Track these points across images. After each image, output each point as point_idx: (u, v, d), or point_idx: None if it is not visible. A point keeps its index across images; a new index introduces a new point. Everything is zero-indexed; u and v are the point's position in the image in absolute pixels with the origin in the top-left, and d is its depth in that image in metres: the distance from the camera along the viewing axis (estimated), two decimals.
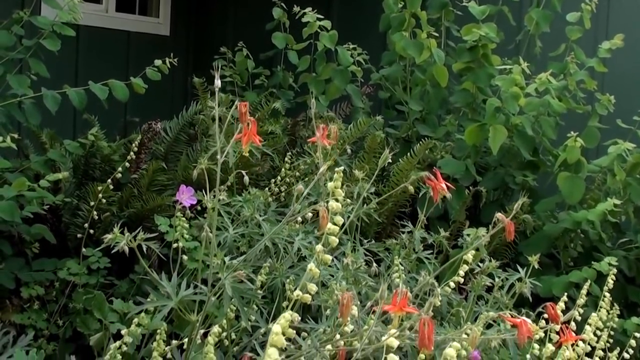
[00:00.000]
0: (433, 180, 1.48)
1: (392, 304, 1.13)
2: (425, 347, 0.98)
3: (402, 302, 1.12)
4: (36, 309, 2.30)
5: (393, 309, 1.12)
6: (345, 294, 1.08)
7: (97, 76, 2.60)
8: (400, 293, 1.14)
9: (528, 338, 1.19)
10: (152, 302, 1.68)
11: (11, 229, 2.41)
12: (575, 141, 2.46)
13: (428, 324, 0.98)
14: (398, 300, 1.13)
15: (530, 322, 1.19)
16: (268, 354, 0.81)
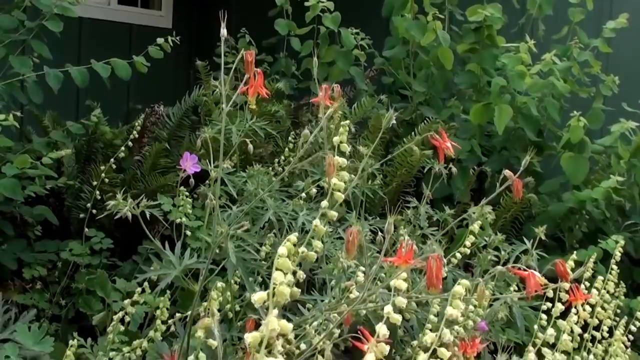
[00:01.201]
0: (438, 140, 1.46)
1: (397, 256, 1.12)
2: (433, 286, 0.97)
3: (408, 255, 1.11)
4: (38, 288, 2.28)
5: (398, 261, 1.10)
6: (351, 229, 1.06)
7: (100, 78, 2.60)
8: (405, 245, 1.13)
9: (536, 292, 1.17)
10: (155, 270, 1.67)
11: (13, 210, 2.40)
12: (579, 120, 2.45)
13: (437, 261, 0.97)
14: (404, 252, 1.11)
15: (539, 276, 1.17)
16: (273, 277, 0.79)
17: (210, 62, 2.89)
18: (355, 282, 1.55)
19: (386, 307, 1.01)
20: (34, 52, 2.45)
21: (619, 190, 2.42)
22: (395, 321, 1.01)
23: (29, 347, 1.85)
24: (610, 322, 1.81)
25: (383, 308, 0.98)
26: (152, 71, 2.92)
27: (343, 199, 2.11)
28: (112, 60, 2.33)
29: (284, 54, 3.16)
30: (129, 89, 3.38)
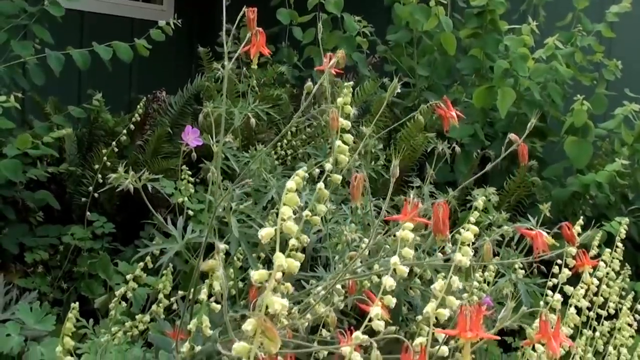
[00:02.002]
0: (443, 108, 1.45)
1: (402, 213, 1.11)
2: (440, 232, 0.96)
3: (413, 211, 1.10)
4: (40, 272, 2.27)
5: (403, 218, 1.09)
6: (355, 174, 1.05)
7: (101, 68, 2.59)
8: (411, 203, 1.12)
9: (543, 252, 1.16)
10: (158, 244, 1.66)
11: (15, 194, 2.39)
12: (582, 104, 2.44)
13: (443, 208, 0.96)
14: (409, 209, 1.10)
15: (546, 235, 1.16)
16: (281, 212, 0.78)
17: (213, 52, 2.88)
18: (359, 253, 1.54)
19: (392, 257, 1.00)
20: (36, 37, 2.45)
21: (623, 174, 2.41)
22: (401, 273, 1.00)
23: (30, 325, 1.84)
24: (616, 298, 1.79)
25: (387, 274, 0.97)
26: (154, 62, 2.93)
27: (345, 180, 2.11)
28: (113, 43, 2.33)
29: (286, 44, 3.16)
30: (130, 79, 3.37)
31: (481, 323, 0.85)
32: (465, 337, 0.84)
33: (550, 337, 0.96)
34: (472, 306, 0.85)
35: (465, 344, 0.85)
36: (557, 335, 0.97)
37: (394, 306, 1.77)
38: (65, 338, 1.23)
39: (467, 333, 0.83)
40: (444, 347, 0.97)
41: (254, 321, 0.80)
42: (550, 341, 0.96)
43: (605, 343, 1.80)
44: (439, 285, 0.93)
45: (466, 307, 0.85)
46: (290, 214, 0.78)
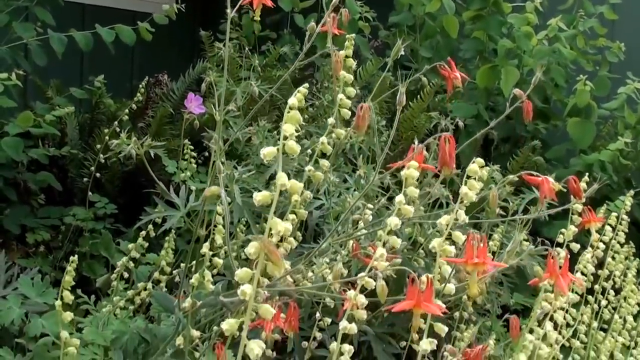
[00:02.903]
0: (447, 70, 1.44)
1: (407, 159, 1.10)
2: (446, 165, 0.95)
3: (419, 158, 1.09)
4: (42, 252, 2.26)
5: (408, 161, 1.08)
6: (361, 104, 1.04)
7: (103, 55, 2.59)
8: (416, 149, 1.11)
9: (550, 198, 1.15)
10: (159, 212, 1.65)
11: (16, 175, 2.39)
12: (585, 84, 2.43)
13: (450, 141, 0.95)
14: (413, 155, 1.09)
15: (553, 181, 1.15)
16: (284, 129, 0.78)
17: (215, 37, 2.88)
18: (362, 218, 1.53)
19: (397, 197, 0.99)
20: (38, 21, 2.44)
21: (627, 154, 2.40)
22: (407, 212, 0.99)
23: (32, 298, 1.82)
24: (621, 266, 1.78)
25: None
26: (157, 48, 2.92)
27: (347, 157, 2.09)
28: (116, 26, 2.32)
29: (288, 31, 3.16)
30: (132, 67, 3.36)
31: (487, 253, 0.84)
32: (472, 265, 0.83)
33: (559, 276, 0.95)
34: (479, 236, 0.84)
35: (472, 272, 0.84)
36: (566, 275, 0.96)
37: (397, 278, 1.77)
38: (64, 292, 1.22)
39: (473, 260, 0.82)
40: (450, 285, 0.96)
41: (257, 244, 0.79)
42: (559, 280, 0.95)
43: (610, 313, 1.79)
44: (445, 219, 0.92)
45: (473, 236, 0.84)
46: (292, 131, 0.77)
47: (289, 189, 0.79)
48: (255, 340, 0.80)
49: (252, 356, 0.79)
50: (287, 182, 0.78)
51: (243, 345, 0.80)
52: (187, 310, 1.21)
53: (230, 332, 0.80)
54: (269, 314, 0.80)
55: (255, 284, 0.79)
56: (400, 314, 1.86)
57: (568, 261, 0.99)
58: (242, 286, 0.79)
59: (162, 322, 1.64)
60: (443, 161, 0.95)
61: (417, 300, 0.84)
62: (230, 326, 0.81)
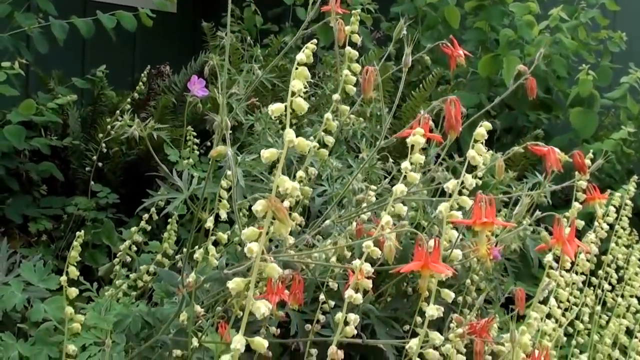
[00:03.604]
0: (450, 48, 1.43)
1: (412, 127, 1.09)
2: (452, 129, 0.94)
3: (425, 126, 1.08)
4: (44, 241, 2.26)
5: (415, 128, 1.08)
6: (367, 67, 1.04)
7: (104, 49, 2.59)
8: (422, 118, 1.11)
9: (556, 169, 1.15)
10: (162, 194, 1.64)
11: (19, 165, 2.38)
12: (588, 74, 2.43)
13: (455, 105, 0.94)
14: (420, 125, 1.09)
15: (559, 152, 1.14)
16: (291, 86, 0.77)
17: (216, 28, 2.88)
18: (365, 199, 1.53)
19: (403, 163, 0.98)
20: (40, 12, 2.44)
21: (630, 143, 2.39)
22: (412, 179, 0.98)
23: (34, 283, 1.82)
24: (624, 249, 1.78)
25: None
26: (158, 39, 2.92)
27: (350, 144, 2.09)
28: (117, 13, 2.32)
29: (290, 24, 3.16)
30: (133, 61, 3.36)
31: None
32: (480, 224, 0.83)
33: (565, 241, 0.95)
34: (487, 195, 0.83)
35: (481, 232, 0.84)
36: (572, 240, 0.95)
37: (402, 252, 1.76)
38: (70, 267, 1.21)
39: (482, 220, 0.82)
40: (456, 251, 0.96)
41: (264, 202, 0.78)
42: (566, 245, 0.94)
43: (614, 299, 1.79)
44: (452, 183, 0.92)
45: (481, 197, 0.83)
46: (300, 87, 0.77)
47: (296, 145, 0.78)
48: (262, 300, 0.80)
49: (258, 314, 0.79)
50: (294, 139, 0.77)
51: (249, 306, 0.79)
52: (191, 286, 1.20)
53: (236, 290, 0.80)
54: (275, 272, 0.80)
55: (262, 243, 0.78)
56: (403, 299, 1.86)
57: (574, 229, 0.98)
58: (248, 244, 0.78)
59: (165, 305, 1.63)
60: (449, 124, 0.95)
61: (425, 261, 0.84)
62: (237, 285, 0.80)
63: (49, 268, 1.88)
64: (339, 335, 1.04)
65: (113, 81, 2.80)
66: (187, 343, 1.31)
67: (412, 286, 1.81)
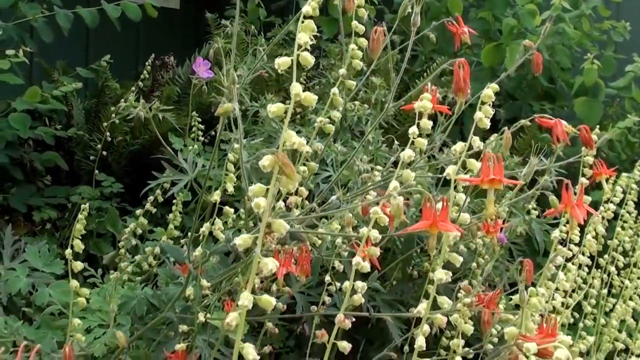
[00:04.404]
0: (455, 25, 1.43)
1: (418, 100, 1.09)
2: (461, 91, 0.94)
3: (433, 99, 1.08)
4: (49, 229, 2.26)
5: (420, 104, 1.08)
6: (376, 27, 1.04)
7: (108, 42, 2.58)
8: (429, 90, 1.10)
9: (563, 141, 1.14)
10: (167, 176, 1.64)
11: (23, 155, 2.38)
12: (592, 63, 2.43)
13: (464, 66, 0.94)
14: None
15: (565, 124, 1.14)
16: (298, 38, 0.77)
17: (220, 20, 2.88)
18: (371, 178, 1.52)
19: (411, 128, 0.98)
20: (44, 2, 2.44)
21: (635, 132, 2.39)
22: (420, 145, 0.98)
23: (39, 268, 1.82)
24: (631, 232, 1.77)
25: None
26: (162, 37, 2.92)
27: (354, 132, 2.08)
28: (122, 2, 2.32)
29: (293, 16, 3.15)
30: (137, 54, 3.36)
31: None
32: (489, 182, 0.82)
33: (574, 205, 0.94)
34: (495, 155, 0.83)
35: (489, 190, 0.84)
36: (581, 205, 0.95)
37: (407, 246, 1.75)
38: (75, 240, 1.21)
39: (490, 177, 0.82)
40: (465, 214, 0.95)
41: (271, 157, 0.78)
42: (574, 209, 0.94)
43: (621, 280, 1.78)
44: (460, 146, 0.92)
45: (489, 155, 0.83)
46: (306, 39, 0.76)
47: (302, 100, 0.78)
48: (270, 258, 0.79)
49: (266, 271, 0.78)
50: (301, 93, 0.77)
51: (256, 263, 0.79)
52: (197, 260, 1.20)
53: (243, 246, 0.80)
54: (283, 228, 0.79)
55: (269, 198, 0.78)
56: (408, 283, 1.85)
57: (583, 194, 0.98)
58: (255, 199, 0.78)
59: (170, 286, 1.63)
60: (458, 87, 0.95)
61: (433, 220, 0.83)
62: (244, 241, 0.80)
63: (54, 253, 1.88)
64: (346, 303, 1.03)
65: (116, 74, 2.80)
66: (192, 320, 1.31)
67: (417, 270, 1.80)
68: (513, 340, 0.84)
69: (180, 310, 1.39)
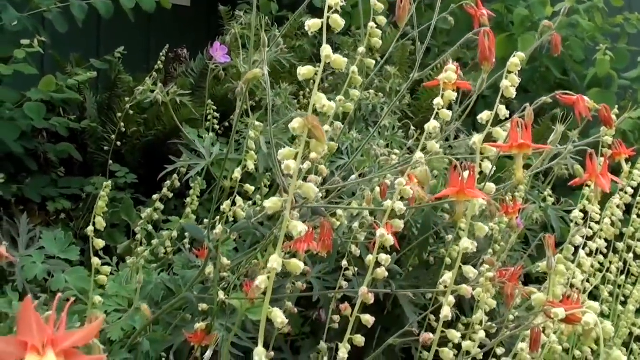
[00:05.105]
0: (473, 8, 1.43)
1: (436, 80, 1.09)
2: (486, 61, 0.94)
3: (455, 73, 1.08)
4: (63, 219, 2.26)
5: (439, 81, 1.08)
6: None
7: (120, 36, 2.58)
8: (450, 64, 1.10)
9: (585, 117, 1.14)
10: (184, 160, 1.64)
11: (37, 146, 2.39)
12: (605, 54, 2.43)
13: (489, 35, 0.94)
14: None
15: (588, 100, 1.14)
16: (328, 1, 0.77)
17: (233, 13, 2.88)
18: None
19: (436, 99, 0.98)
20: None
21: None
22: (445, 116, 0.98)
23: (54, 254, 1.82)
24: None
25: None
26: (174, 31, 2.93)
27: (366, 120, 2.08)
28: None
29: (305, 10, 3.15)
30: (149, 48, 3.37)
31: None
32: (517, 147, 0.82)
33: (599, 175, 0.94)
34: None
35: (518, 155, 0.84)
36: (605, 174, 0.95)
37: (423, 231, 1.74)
38: (97, 218, 1.21)
39: (518, 142, 0.82)
40: (491, 184, 0.95)
41: (301, 120, 0.78)
42: (599, 179, 0.94)
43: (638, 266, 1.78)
44: (486, 114, 0.92)
45: (517, 121, 0.83)
46: (337, 0, 0.77)
47: (332, 62, 0.78)
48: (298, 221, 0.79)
49: (295, 233, 0.78)
50: (331, 55, 0.77)
51: (285, 225, 0.79)
52: (218, 238, 1.20)
53: (273, 209, 0.80)
54: (312, 191, 0.79)
55: (299, 161, 0.78)
56: (424, 269, 1.85)
57: (607, 163, 0.98)
58: (285, 161, 0.78)
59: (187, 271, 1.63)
60: (483, 55, 0.95)
61: (460, 187, 0.83)
62: (274, 204, 0.80)
63: (70, 239, 1.88)
64: (370, 277, 1.03)
65: (128, 69, 2.81)
66: (211, 299, 1.31)
67: (433, 256, 1.80)
68: (541, 307, 0.84)
69: (199, 292, 1.39)
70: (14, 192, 2.25)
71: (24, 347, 0.61)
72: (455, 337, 0.94)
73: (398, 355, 1.75)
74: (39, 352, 0.60)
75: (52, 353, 0.60)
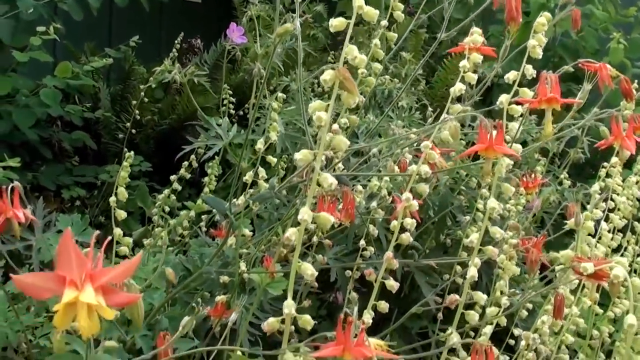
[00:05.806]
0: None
1: None
2: (513, 20, 0.94)
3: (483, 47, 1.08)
4: (78, 205, 2.27)
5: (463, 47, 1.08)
6: None
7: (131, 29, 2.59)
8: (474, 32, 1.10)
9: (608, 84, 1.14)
10: (201, 140, 1.64)
11: (52, 134, 2.40)
12: (619, 42, 2.42)
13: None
14: None
15: (610, 68, 1.14)
16: None
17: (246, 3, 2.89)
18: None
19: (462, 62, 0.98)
20: None
21: None
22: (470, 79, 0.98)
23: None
24: None
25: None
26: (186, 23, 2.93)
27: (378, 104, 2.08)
28: None
29: (318, 2, 3.16)
30: (160, 40, 3.37)
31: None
32: (546, 101, 0.82)
33: (624, 137, 0.94)
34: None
35: (547, 109, 0.84)
36: (631, 136, 0.95)
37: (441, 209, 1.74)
38: (119, 188, 1.22)
39: (547, 96, 0.82)
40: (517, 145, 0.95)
41: (332, 72, 0.78)
42: (625, 141, 0.94)
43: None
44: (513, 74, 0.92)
45: (546, 76, 0.83)
46: None
47: (364, 14, 0.78)
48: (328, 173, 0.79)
49: (325, 185, 0.78)
50: (364, 5, 0.78)
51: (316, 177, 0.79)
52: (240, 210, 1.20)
53: (304, 161, 0.80)
54: (343, 144, 0.79)
55: (330, 113, 0.78)
56: (441, 251, 1.85)
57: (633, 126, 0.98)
58: (317, 113, 0.78)
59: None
60: (510, 16, 0.95)
61: (488, 143, 0.83)
62: (304, 155, 0.80)
63: (86, 222, 1.88)
64: (394, 242, 1.03)
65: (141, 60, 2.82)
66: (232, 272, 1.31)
67: (450, 238, 1.80)
68: (569, 263, 0.84)
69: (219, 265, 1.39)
70: (29, 180, 2.26)
71: (62, 282, 0.61)
72: (481, 299, 0.94)
73: (414, 338, 1.74)
74: (77, 287, 0.60)
75: (91, 288, 0.60)
